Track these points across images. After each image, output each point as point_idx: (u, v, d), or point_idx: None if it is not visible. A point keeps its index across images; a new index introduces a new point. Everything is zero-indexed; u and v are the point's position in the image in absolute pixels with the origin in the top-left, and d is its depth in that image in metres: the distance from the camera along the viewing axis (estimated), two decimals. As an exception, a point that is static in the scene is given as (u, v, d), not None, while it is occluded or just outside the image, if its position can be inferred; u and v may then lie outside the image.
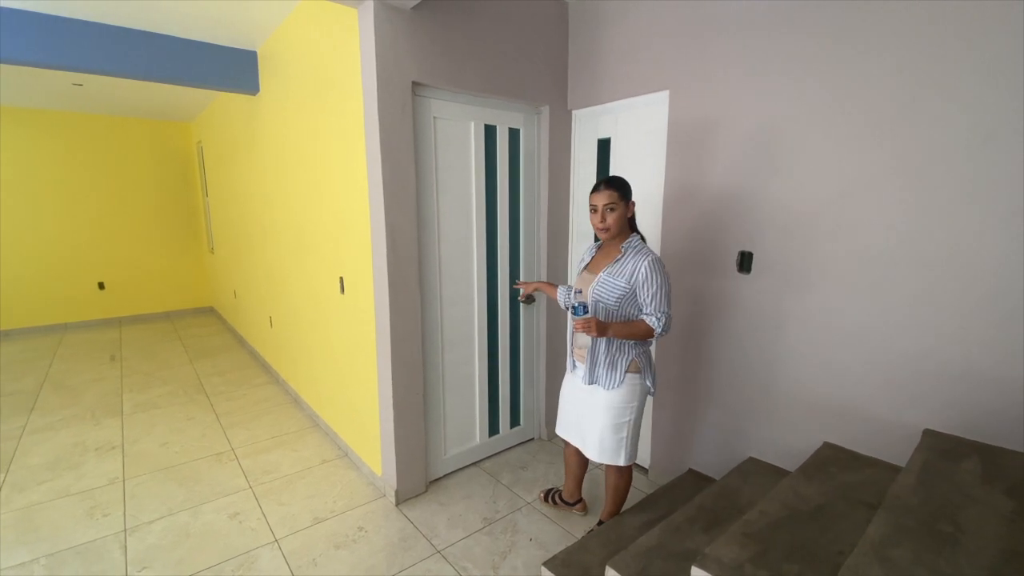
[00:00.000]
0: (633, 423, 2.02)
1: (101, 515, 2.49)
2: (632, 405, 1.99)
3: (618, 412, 1.98)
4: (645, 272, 1.84)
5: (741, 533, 1.46)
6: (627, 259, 1.89)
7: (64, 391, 4.14)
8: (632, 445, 2.05)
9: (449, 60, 2.40)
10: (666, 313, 1.86)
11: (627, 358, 1.95)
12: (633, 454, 2.07)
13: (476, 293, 2.79)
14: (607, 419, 1.99)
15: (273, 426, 3.45)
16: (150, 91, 4.91)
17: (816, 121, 1.97)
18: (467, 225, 2.70)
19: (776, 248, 2.14)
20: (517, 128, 2.82)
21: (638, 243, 1.93)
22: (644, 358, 1.99)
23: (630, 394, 1.97)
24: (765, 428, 2.28)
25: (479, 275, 2.79)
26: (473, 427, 2.93)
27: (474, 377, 2.87)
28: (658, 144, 2.53)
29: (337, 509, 2.50)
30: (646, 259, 1.86)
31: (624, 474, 2.14)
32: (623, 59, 2.62)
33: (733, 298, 2.30)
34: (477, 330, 2.84)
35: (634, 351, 1.95)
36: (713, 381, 2.43)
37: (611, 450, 2.03)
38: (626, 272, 1.88)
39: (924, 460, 1.58)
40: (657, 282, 1.84)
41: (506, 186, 2.82)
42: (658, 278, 1.85)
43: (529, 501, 2.56)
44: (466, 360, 2.83)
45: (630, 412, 1.99)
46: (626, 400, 1.97)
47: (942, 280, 1.74)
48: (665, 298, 1.86)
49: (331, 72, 2.63)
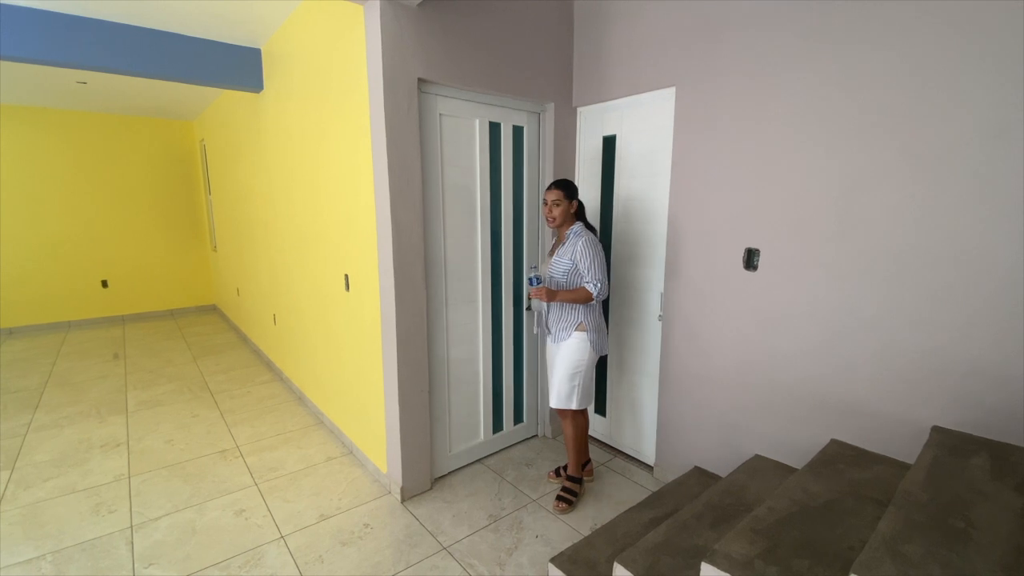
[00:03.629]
0: (584, 375, 2.44)
1: (107, 512, 2.50)
2: (583, 359, 2.42)
3: (571, 363, 2.42)
4: (581, 249, 2.32)
5: (750, 529, 1.46)
6: (569, 242, 2.38)
7: (68, 388, 4.14)
8: (582, 393, 2.46)
9: (455, 57, 2.40)
10: (600, 280, 2.31)
11: (576, 320, 2.41)
12: (583, 401, 2.47)
13: (480, 290, 2.79)
14: (563, 369, 2.43)
15: (277, 423, 3.45)
16: (153, 89, 4.92)
17: (825, 117, 1.96)
18: (472, 222, 2.70)
19: (783, 245, 2.13)
20: (522, 125, 2.82)
21: (579, 229, 2.39)
22: (589, 322, 2.42)
23: (580, 348, 2.41)
24: (771, 425, 2.28)
25: (483, 273, 2.79)
26: (478, 424, 2.92)
27: (479, 374, 2.87)
28: (664, 141, 2.53)
29: (343, 506, 2.51)
30: (581, 240, 2.34)
31: (576, 423, 2.52)
32: (629, 56, 2.61)
33: (739, 295, 2.30)
34: (481, 327, 2.84)
35: (581, 315, 2.41)
36: (719, 378, 2.43)
37: (565, 396, 2.45)
38: (568, 252, 2.36)
39: (933, 456, 1.58)
40: (590, 256, 2.31)
41: (510, 183, 2.82)
42: (590, 252, 2.31)
43: (535, 498, 2.56)
44: (471, 357, 2.82)
45: (582, 365, 2.42)
46: (577, 353, 2.41)
47: (950, 276, 1.73)
48: (599, 268, 2.31)
49: (336, 69, 2.63)
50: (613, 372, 3.00)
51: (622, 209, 2.81)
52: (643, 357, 2.80)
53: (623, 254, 2.83)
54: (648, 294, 2.73)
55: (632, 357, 2.87)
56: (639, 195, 2.70)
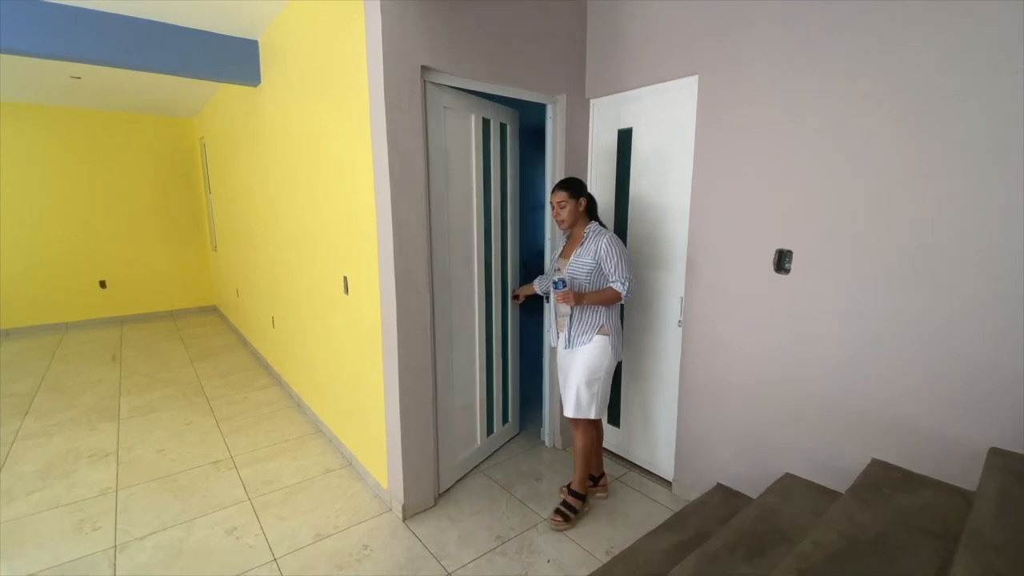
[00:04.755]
0: (603, 382, 2.30)
1: (91, 529, 2.35)
2: (603, 364, 2.28)
3: (591, 369, 2.27)
4: (605, 248, 2.20)
5: (796, 569, 1.29)
6: (590, 241, 2.24)
7: (61, 393, 4.01)
8: (601, 402, 2.33)
9: (460, 44, 2.23)
10: (628, 278, 2.19)
11: (598, 323, 2.27)
12: (601, 410, 2.35)
13: (476, 290, 2.67)
14: (582, 375, 2.28)
15: (274, 432, 3.30)
16: (151, 85, 4.78)
17: (865, 109, 1.78)
18: (469, 221, 2.56)
19: (820, 245, 1.95)
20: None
21: (597, 228, 2.27)
22: (611, 324, 2.29)
23: (601, 352, 2.27)
24: (803, 440, 2.10)
25: (478, 272, 2.67)
26: (475, 430, 2.81)
27: (475, 378, 2.76)
28: (685, 133, 2.35)
29: (340, 524, 2.35)
30: (604, 238, 2.21)
31: (589, 435, 2.37)
32: (647, 42, 2.44)
33: (768, 299, 2.12)
34: (477, 328, 2.72)
35: (603, 317, 2.27)
36: (745, 388, 2.25)
37: (585, 404, 2.29)
38: (591, 251, 2.23)
39: (1000, 486, 1.40)
40: (616, 254, 2.19)
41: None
42: (616, 251, 2.19)
43: (545, 517, 2.39)
44: (469, 361, 2.70)
45: (601, 371, 2.28)
46: (598, 358, 2.27)
47: (1007, 281, 1.55)
48: (626, 266, 2.19)
49: (336, 59, 2.46)
50: (628, 380, 2.82)
51: (638, 208, 2.63)
52: (661, 364, 2.63)
53: (640, 256, 2.65)
54: (667, 298, 2.55)
55: (649, 364, 2.69)
56: (657, 192, 2.53)
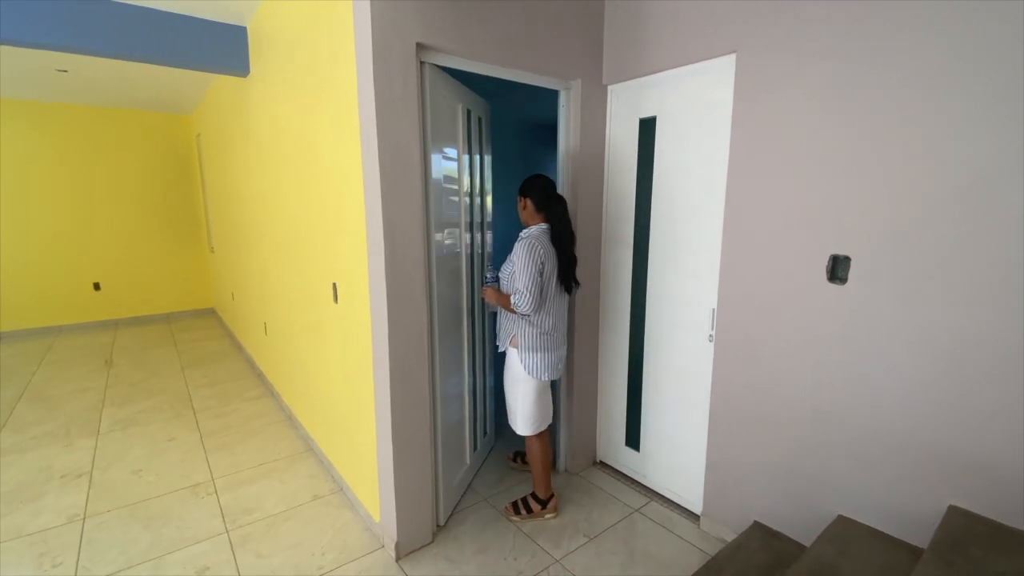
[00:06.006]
0: (521, 397, 2.21)
1: (51, 565, 2.10)
2: (517, 377, 2.20)
3: (507, 379, 2.26)
4: (514, 252, 2.11)
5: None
6: (516, 243, 2.14)
7: (42, 404, 3.78)
8: (524, 420, 2.24)
9: (461, 19, 1.95)
10: (519, 291, 2.04)
11: (510, 333, 2.20)
12: (526, 427, 2.25)
13: (464, 298, 2.43)
14: (505, 381, 2.29)
15: (262, 450, 3.04)
16: (142, 79, 4.54)
17: (934, 94, 1.48)
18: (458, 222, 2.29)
19: (882, 252, 1.66)
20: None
21: (529, 231, 2.16)
22: (524, 339, 2.15)
23: (512, 365, 2.22)
24: (857, 477, 1.80)
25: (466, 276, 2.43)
26: (464, 450, 2.57)
27: (464, 393, 2.52)
28: (720, 123, 2.06)
29: (326, 565, 2.08)
30: (520, 243, 2.11)
31: (530, 447, 2.31)
32: (676, 17, 2.14)
33: (820, 313, 1.82)
34: (466, 340, 2.48)
35: (515, 328, 2.18)
36: (789, 415, 1.96)
37: (511, 413, 2.29)
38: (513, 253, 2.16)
39: None
40: (517, 261, 2.06)
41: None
42: (519, 258, 2.05)
43: (558, 558, 2.11)
44: (460, 376, 2.46)
45: (516, 384, 2.21)
46: (511, 369, 2.22)
47: None
48: (525, 276, 2.03)
49: (322, 40, 2.19)
50: (650, 399, 2.53)
51: (663, 205, 2.34)
52: (688, 383, 2.33)
53: (664, 260, 2.36)
54: (695, 308, 2.26)
55: (673, 383, 2.40)
56: (684, 189, 2.24)
